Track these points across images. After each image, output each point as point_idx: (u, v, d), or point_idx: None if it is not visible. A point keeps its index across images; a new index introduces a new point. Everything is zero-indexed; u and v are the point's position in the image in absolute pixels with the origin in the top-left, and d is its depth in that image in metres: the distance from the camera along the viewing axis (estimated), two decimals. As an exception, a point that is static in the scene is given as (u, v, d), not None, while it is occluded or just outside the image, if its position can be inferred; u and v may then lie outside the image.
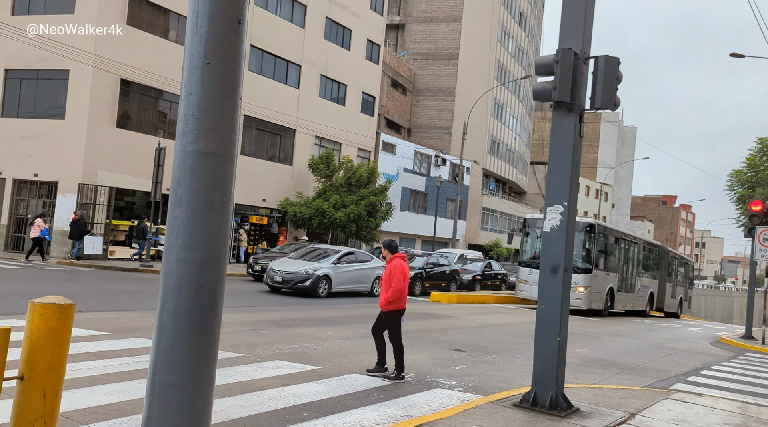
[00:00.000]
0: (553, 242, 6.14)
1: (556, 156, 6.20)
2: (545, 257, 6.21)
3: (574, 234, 6.27)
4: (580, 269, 19.62)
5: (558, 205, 6.13)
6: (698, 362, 11.68)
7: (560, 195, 6.13)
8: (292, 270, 16.12)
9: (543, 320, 6.15)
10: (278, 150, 29.19)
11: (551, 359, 6.06)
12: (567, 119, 6.14)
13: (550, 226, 6.18)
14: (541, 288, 6.23)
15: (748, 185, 17.16)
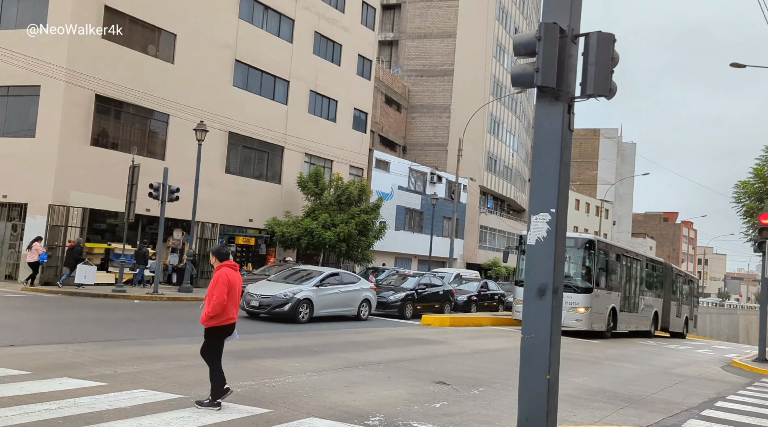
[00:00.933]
0: (540, 257, 5.08)
1: (542, 154, 5.16)
2: (530, 275, 5.14)
3: (564, 248, 5.20)
4: (580, 288, 18.50)
5: (544, 213, 5.08)
6: (711, 391, 10.50)
7: (546, 200, 5.08)
8: (270, 294, 15.01)
9: (529, 354, 5.05)
10: (266, 168, 28.25)
11: (539, 401, 4.95)
12: (553, 109, 5.12)
13: (535, 238, 5.12)
14: (525, 314, 5.15)
15: (756, 197, 16.10)
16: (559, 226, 5.05)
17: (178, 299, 18.53)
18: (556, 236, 5.02)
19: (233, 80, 25.91)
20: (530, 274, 5.11)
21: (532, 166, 5.21)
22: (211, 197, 24.87)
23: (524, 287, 5.14)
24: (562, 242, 5.11)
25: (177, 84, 23.22)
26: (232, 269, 6.38)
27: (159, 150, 23.17)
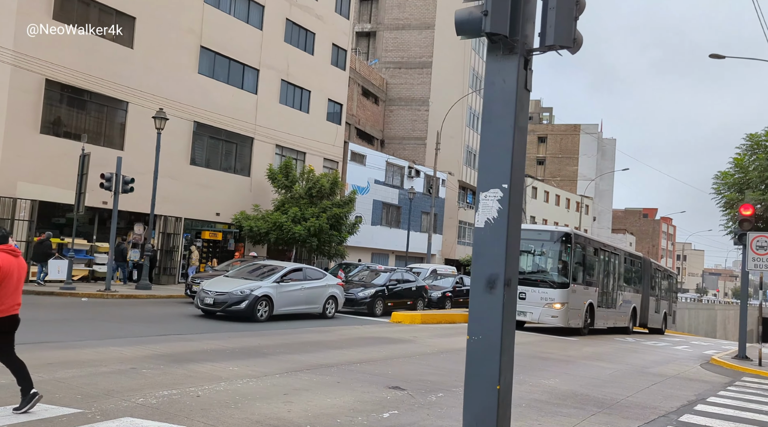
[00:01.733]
0: (489, 242, 4.21)
1: (492, 117, 4.29)
2: (478, 264, 4.27)
3: (519, 231, 4.33)
4: (556, 284, 17.79)
5: (495, 190, 4.21)
6: (690, 392, 9.78)
7: (498, 174, 4.21)
8: (225, 291, 14.01)
9: (475, 359, 4.19)
10: (234, 160, 27.14)
11: (488, 416, 4.08)
12: (507, 63, 4.25)
13: (484, 219, 4.25)
14: (472, 311, 4.28)
15: (736, 188, 15.48)
16: (513, 204, 4.18)
17: (132, 296, 17.44)
18: (509, 217, 4.15)
19: (198, 67, 24.75)
20: (478, 262, 4.24)
21: (481, 134, 4.33)
22: (174, 190, 23.75)
23: (471, 279, 4.28)
24: (517, 224, 4.25)
25: (137, 70, 22.03)
26: (10, 255, 5.37)
27: (117, 139, 21.97)
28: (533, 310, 17.92)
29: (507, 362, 4.16)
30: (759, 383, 11.48)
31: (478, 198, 4.30)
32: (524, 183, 4.19)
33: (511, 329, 4.21)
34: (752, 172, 15.10)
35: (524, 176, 4.34)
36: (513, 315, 4.23)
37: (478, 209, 4.28)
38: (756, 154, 15.12)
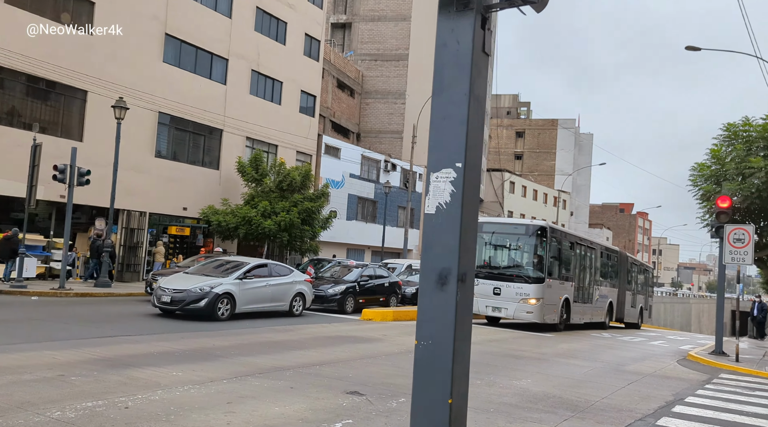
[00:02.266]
0: (441, 230, 3.59)
1: (444, 85, 3.66)
2: (427, 256, 3.65)
3: (475, 218, 3.72)
4: (531, 279, 17.34)
5: (447, 170, 3.59)
6: (667, 391, 9.33)
7: (451, 152, 3.59)
8: (184, 288, 13.24)
9: (424, 368, 3.57)
10: (202, 152, 26.21)
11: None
12: (461, 22, 3.62)
13: (435, 204, 3.63)
14: (421, 311, 3.66)
15: (713, 180, 15.15)
16: (468, 187, 3.57)
17: (87, 294, 16.54)
18: (463, 201, 3.53)
19: (163, 56, 23.77)
20: (428, 254, 3.62)
21: (432, 105, 3.70)
22: (138, 183, 22.81)
23: (420, 274, 3.66)
24: (473, 210, 3.63)
25: (96, 58, 21.01)
26: None
27: (76, 130, 20.94)
28: (508, 306, 17.46)
29: (461, 370, 3.55)
30: (736, 381, 11.12)
31: (428, 180, 3.67)
32: (482, 161, 3.56)
33: (466, 332, 3.60)
34: (729, 164, 14.78)
35: (482, 154, 3.72)
36: (468, 316, 3.62)
37: (429, 193, 3.65)
38: (733, 145, 14.79)
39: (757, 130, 14.41)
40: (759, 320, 24.69)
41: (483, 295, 17.85)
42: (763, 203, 14.30)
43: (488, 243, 18.84)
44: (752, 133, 14.52)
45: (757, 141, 14.41)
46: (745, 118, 14.80)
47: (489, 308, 17.81)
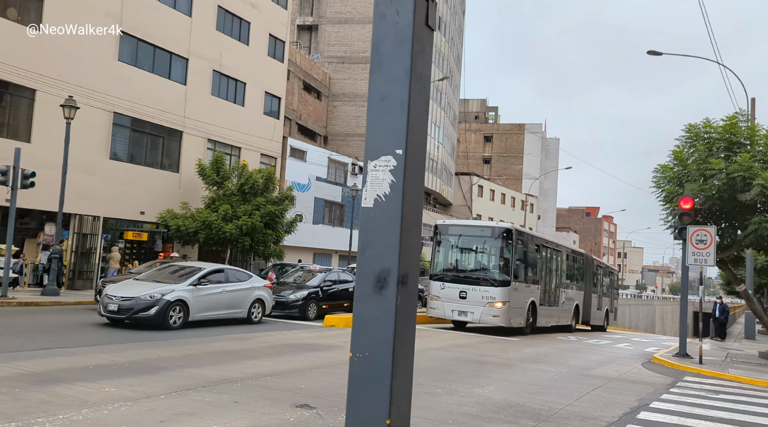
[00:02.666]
0: (379, 226, 3.16)
1: (382, 61, 3.24)
2: (364, 256, 3.21)
3: (419, 212, 3.30)
4: (497, 282, 17.09)
5: (386, 157, 3.16)
6: (632, 397, 9.09)
7: (390, 137, 3.17)
8: (132, 296, 12.52)
9: (358, 385, 3.12)
10: (161, 154, 25.32)
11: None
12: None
13: (373, 197, 3.20)
14: (356, 318, 3.21)
15: (676, 181, 15.14)
16: (410, 176, 3.14)
17: (33, 303, 15.61)
18: (404, 193, 3.10)
19: (119, 54, 22.89)
20: (364, 254, 3.18)
21: (369, 84, 3.27)
22: (92, 187, 21.86)
23: (356, 275, 3.21)
24: (416, 203, 3.21)
25: (45, 55, 20.05)
26: None
27: (23, 130, 19.93)
28: (474, 309, 17.17)
29: (402, 387, 3.12)
30: (700, 384, 10.98)
31: (365, 168, 3.24)
32: (426, 149, 3.14)
33: (408, 342, 3.17)
34: (691, 165, 14.78)
35: (426, 140, 3.30)
36: (411, 323, 3.20)
37: (366, 183, 3.22)
38: (695, 146, 14.80)
39: (718, 132, 14.44)
40: (720, 322, 25.01)
41: (449, 299, 17.54)
42: (723, 204, 14.33)
43: (454, 246, 18.56)
44: (713, 134, 14.55)
45: (717, 142, 14.44)
46: (706, 120, 14.84)
47: (455, 313, 17.49)
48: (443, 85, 51.15)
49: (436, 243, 18.64)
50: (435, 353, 12.24)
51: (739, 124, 14.53)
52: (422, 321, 19.45)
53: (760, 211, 14.33)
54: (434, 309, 17.96)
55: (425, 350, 12.58)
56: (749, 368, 13.55)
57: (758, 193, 13.23)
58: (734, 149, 14.27)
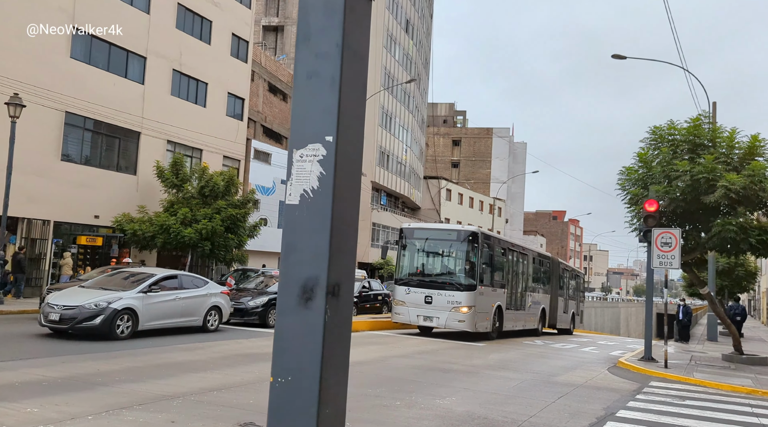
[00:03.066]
0: (306, 226, 2.69)
1: (310, 33, 2.77)
2: (288, 262, 2.74)
3: (356, 209, 2.84)
4: (463, 286, 16.76)
5: (315, 146, 2.70)
6: (599, 405, 8.79)
7: (320, 122, 2.70)
8: (76, 304, 11.74)
9: (280, 414, 2.63)
10: (117, 156, 24.32)
11: None
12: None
13: (299, 192, 2.72)
14: (278, 335, 2.73)
15: (641, 183, 15.05)
16: (343, 167, 2.68)
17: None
18: (335, 187, 2.64)
19: (71, 51, 21.88)
20: (288, 260, 2.70)
21: (296, 59, 2.80)
22: (42, 189, 20.78)
23: (279, 285, 2.73)
24: (350, 198, 2.75)
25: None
26: None
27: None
28: (440, 314, 16.81)
29: (332, 418, 2.64)
30: (666, 389, 10.79)
31: (290, 159, 2.76)
32: (363, 135, 2.67)
33: (339, 363, 2.70)
34: (656, 167, 14.71)
35: (363, 126, 2.83)
36: (343, 341, 2.73)
37: (291, 177, 2.74)
38: (659, 148, 14.74)
39: (682, 134, 14.41)
40: (684, 324, 25.22)
41: (414, 304, 17.16)
42: (688, 206, 14.28)
43: (420, 250, 18.20)
44: (677, 136, 14.51)
45: (681, 144, 14.41)
46: (671, 122, 14.80)
47: (420, 318, 17.10)
48: (411, 89, 51.00)
49: (401, 247, 18.25)
50: (397, 361, 11.80)
51: (702, 126, 14.52)
52: (387, 327, 19.01)
53: (724, 214, 14.32)
54: (399, 315, 17.53)
55: (387, 357, 12.13)
56: (714, 372, 13.49)
57: (722, 195, 13.20)
58: (698, 151, 14.25)
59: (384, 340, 15.83)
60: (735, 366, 14.89)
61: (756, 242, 14.02)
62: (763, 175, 13.57)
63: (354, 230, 2.79)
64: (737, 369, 14.30)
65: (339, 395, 2.69)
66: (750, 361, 15.59)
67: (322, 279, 2.60)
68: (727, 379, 12.27)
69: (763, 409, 9.45)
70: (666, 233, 13.62)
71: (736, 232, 13.72)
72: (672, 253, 13.45)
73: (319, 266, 2.61)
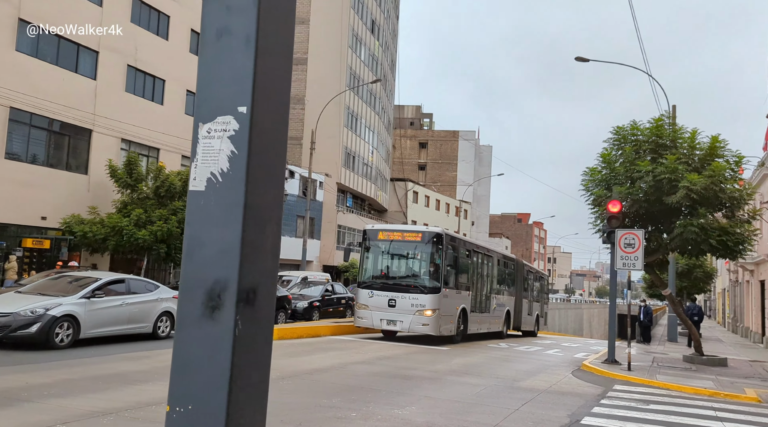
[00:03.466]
0: (214, 218, 2.18)
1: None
2: (190, 261, 2.23)
3: (279, 197, 2.35)
4: (427, 289, 16.38)
5: (225, 118, 2.20)
6: (563, 411, 8.48)
7: (231, 89, 2.21)
8: (9, 311, 10.87)
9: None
10: (67, 154, 23.20)
11: None
12: None
13: (205, 177, 2.21)
14: (177, 351, 2.21)
15: (604, 184, 14.94)
16: (261, 145, 2.19)
17: None
18: (250, 169, 2.15)
19: (16, 44, 20.76)
20: (191, 259, 2.20)
21: (202, 14, 2.30)
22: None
23: (180, 290, 2.22)
24: (271, 184, 2.25)
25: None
26: None
27: None
28: (403, 318, 16.38)
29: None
30: (630, 393, 10.59)
31: (195, 135, 2.26)
32: (288, 106, 2.17)
33: (254, 388, 2.21)
34: (619, 168, 14.63)
35: (288, 95, 2.34)
36: (261, 361, 2.24)
37: (196, 157, 2.24)
38: (622, 149, 14.66)
39: (645, 134, 14.37)
40: (645, 325, 25.45)
41: (377, 307, 16.69)
42: (650, 207, 14.24)
43: (384, 252, 17.76)
44: (640, 136, 14.47)
45: (644, 144, 14.36)
46: (633, 122, 14.76)
47: (384, 322, 16.64)
48: (378, 90, 50.66)
49: (364, 249, 17.77)
50: (357, 367, 11.30)
51: (664, 126, 14.51)
52: (350, 331, 18.50)
53: (685, 215, 14.31)
54: (362, 319, 17.03)
55: (347, 364, 11.62)
56: (676, 374, 13.42)
57: (683, 196, 13.16)
58: (660, 151, 14.21)
59: (345, 345, 15.31)
60: (696, 367, 14.90)
61: (716, 242, 14.06)
62: (723, 176, 13.61)
63: (275, 223, 2.30)
64: (698, 370, 14.30)
65: (254, 426, 2.19)
66: (710, 362, 15.65)
67: (231, 283, 2.10)
68: (690, 381, 12.18)
69: (726, 412, 9.31)
70: (629, 234, 13.51)
71: (698, 233, 13.72)
72: (635, 254, 13.34)
73: (229, 267, 2.11)
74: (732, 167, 13.95)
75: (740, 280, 36.26)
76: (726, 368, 15.36)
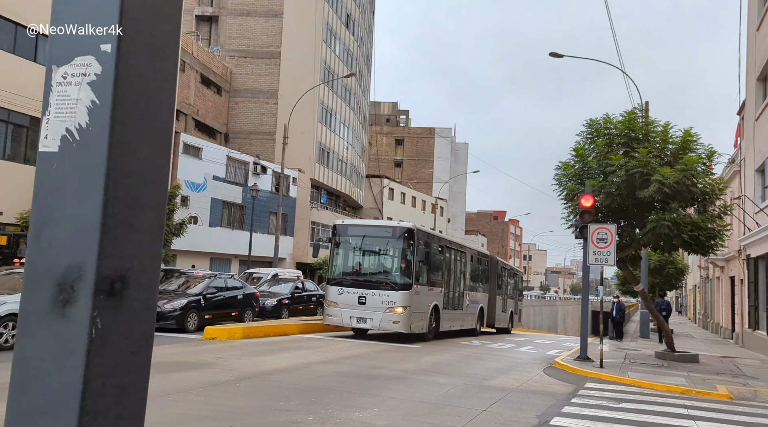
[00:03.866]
0: (68, 187, 1.68)
1: None
2: (39, 243, 1.73)
3: (166, 169, 1.86)
4: (398, 285, 15.98)
5: (85, 59, 1.70)
6: (532, 412, 8.14)
7: (90, 19, 1.71)
8: (-53, 308, 10.15)
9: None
10: (24, 146, 22.22)
11: None
12: None
13: (59, 134, 1.72)
14: (17, 356, 1.72)
15: (577, 179, 14.71)
16: (129, 93, 1.70)
17: None
18: (114, 125, 1.67)
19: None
20: (39, 241, 1.71)
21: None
22: (-69, 181, 18.59)
23: (24, 278, 1.73)
24: (147, 144, 1.77)
25: None
26: None
27: None
28: (373, 316, 15.96)
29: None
30: (602, 391, 10.33)
31: (48, 81, 1.77)
32: (179, 46, 1.67)
33: (122, 404, 1.72)
34: (592, 162, 14.40)
35: (177, 31, 1.86)
36: (137, 368, 1.76)
37: (48, 109, 1.76)
38: (595, 142, 14.44)
39: (618, 127, 14.17)
40: (617, 321, 25.44)
41: (347, 305, 16.25)
42: (623, 201, 14.05)
43: (354, 248, 17.30)
44: (612, 130, 14.26)
45: (617, 138, 14.16)
46: (606, 115, 14.55)
47: (354, 319, 16.20)
48: (353, 85, 50.11)
49: (334, 245, 17.30)
50: (321, 367, 10.83)
51: (637, 119, 14.32)
52: (320, 330, 18.01)
53: (658, 210, 14.15)
54: (332, 316, 16.57)
55: (311, 364, 11.15)
56: (648, 370, 13.25)
57: (656, 190, 12.97)
58: (633, 145, 14.01)
59: (313, 344, 14.82)
60: (668, 364, 14.77)
61: (689, 237, 13.92)
62: (695, 170, 13.46)
63: (157, 194, 1.82)
64: (670, 367, 14.16)
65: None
66: (682, 358, 15.55)
67: (88, 270, 1.63)
68: (662, 378, 11.99)
69: (698, 410, 9.09)
70: (602, 229, 13.28)
71: (670, 227, 13.56)
72: (608, 249, 13.12)
73: (85, 250, 1.64)
74: (704, 161, 13.83)
75: (711, 276, 36.68)
76: (697, 364, 15.28)
